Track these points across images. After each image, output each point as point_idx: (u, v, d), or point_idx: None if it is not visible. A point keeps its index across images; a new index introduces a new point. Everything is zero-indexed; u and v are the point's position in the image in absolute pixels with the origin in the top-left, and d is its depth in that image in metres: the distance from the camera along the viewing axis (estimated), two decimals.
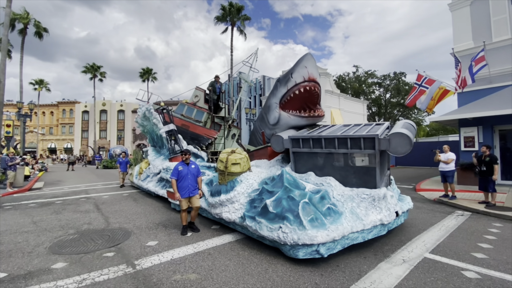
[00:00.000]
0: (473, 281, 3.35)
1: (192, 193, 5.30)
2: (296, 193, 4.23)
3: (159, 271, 3.65)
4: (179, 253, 4.27)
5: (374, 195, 4.50)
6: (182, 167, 5.28)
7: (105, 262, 3.97)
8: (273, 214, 4.15)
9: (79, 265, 3.86)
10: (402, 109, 40.05)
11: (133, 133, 51.35)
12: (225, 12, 29.15)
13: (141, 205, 8.15)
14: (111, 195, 10.07)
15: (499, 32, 10.57)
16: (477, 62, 9.96)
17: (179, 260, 4.01)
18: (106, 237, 5.10)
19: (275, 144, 6.10)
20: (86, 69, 41.54)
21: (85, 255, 4.25)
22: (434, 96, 11.59)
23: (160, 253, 4.28)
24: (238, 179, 5.34)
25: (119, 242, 4.81)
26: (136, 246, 4.62)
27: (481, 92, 11.06)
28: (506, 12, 10.41)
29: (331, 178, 4.93)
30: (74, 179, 16.62)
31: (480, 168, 7.44)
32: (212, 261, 3.99)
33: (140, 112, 11.78)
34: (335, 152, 5.04)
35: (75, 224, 6.08)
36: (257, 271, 3.67)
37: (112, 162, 27.06)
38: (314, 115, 6.51)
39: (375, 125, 5.49)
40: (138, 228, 5.70)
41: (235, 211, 4.99)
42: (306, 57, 6.41)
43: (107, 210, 7.53)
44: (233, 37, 29.56)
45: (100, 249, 4.49)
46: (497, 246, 4.59)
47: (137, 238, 5.07)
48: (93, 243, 4.79)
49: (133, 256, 4.20)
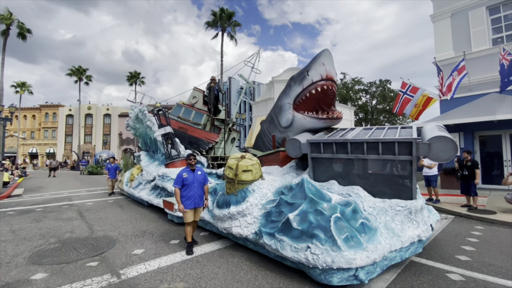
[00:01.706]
0: (458, 283, 3.43)
1: (198, 204, 4.65)
2: (325, 206, 3.64)
3: (145, 281, 3.53)
4: (166, 261, 4.16)
5: (410, 207, 3.94)
6: (187, 173, 4.61)
7: (88, 272, 3.82)
8: (298, 231, 3.55)
9: (61, 276, 3.69)
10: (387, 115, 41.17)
11: (119, 137, 50.21)
12: (215, 17, 29.24)
13: (127, 212, 7.93)
14: (96, 202, 9.75)
15: (478, 43, 11.11)
16: (459, 71, 10.40)
17: (166, 269, 3.91)
18: (89, 246, 4.91)
19: (290, 148, 5.46)
20: (71, 72, 40.44)
21: (67, 265, 4.07)
22: (418, 102, 11.98)
23: (146, 262, 4.16)
24: (249, 188, 4.73)
25: (103, 251, 4.64)
26: (122, 255, 4.47)
27: (462, 100, 11.52)
28: (484, 23, 10.96)
29: (359, 188, 4.29)
30: (56, 186, 16.02)
31: (462, 172, 7.71)
32: (201, 269, 3.91)
33: (132, 114, 11.10)
34: (363, 158, 4.43)
35: (57, 233, 5.83)
36: (246, 278, 3.62)
37: (98, 167, 26.22)
38: (332, 117, 5.87)
39: (400, 128, 4.97)
40: (124, 236, 5.53)
41: (248, 226, 4.36)
42: (324, 53, 5.85)
43: (91, 217, 7.27)
44: (223, 42, 29.69)
45: (83, 258, 4.32)
46: (480, 248, 4.73)
47: (122, 246, 4.92)
48: (76, 252, 4.60)
49: (118, 265, 4.06)
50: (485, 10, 10.95)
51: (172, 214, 6.40)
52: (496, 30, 10.86)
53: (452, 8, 11.90)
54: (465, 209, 7.44)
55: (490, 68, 10.58)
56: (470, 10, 11.34)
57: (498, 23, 10.76)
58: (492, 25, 10.90)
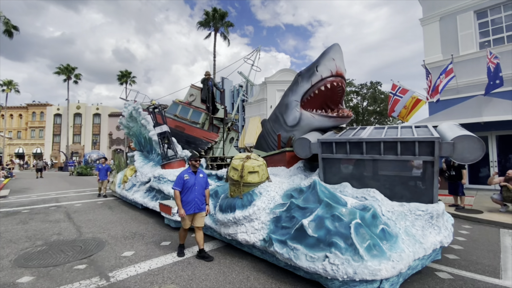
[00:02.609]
0: (446, 281, 3.50)
1: (199, 209, 4.32)
2: (343, 211, 3.35)
3: (135, 283, 3.47)
4: (157, 263, 4.10)
5: (432, 211, 3.70)
6: (188, 175, 4.27)
7: (76, 275, 3.72)
8: (314, 239, 3.27)
9: (47, 279, 3.59)
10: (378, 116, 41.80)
11: (109, 137, 49.37)
12: (208, 17, 29.08)
13: (116, 213, 7.78)
14: (84, 203, 9.54)
15: (465, 46, 11.39)
16: (447, 74, 10.63)
17: (157, 271, 3.84)
18: (77, 248, 4.79)
19: (299, 148, 5.17)
20: (59, 70, 39.56)
21: (54, 268, 3.96)
22: (407, 104, 12.19)
23: (136, 264, 4.08)
24: (256, 191, 4.39)
25: (92, 253, 4.54)
26: (111, 257, 4.38)
27: (449, 102, 11.79)
28: (472, 27, 11.25)
29: (375, 191, 4.02)
30: (44, 187, 15.61)
31: (449, 173, 7.88)
32: (192, 270, 3.87)
33: (125, 112, 10.53)
34: (379, 159, 4.16)
35: (44, 235, 5.67)
36: (238, 279, 3.60)
37: (88, 168, 25.66)
38: (343, 116, 5.53)
39: (414, 127, 4.69)
40: (113, 238, 5.42)
41: (255, 232, 4.05)
42: (334, 48, 5.57)
43: (80, 219, 7.11)
44: (216, 42, 29.56)
45: (70, 261, 4.21)
46: (467, 247, 4.84)
47: (111, 248, 4.82)
48: (63, 255, 4.48)
49: (107, 267, 3.97)
50: (473, 14, 11.25)
51: (169, 218, 6.05)
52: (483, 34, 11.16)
53: (441, 12, 12.17)
54: (453, 208, 7.61)
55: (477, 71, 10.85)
56: (459, 14, 11.62)
57: (485, 27, 11.06)
58: (479, 29, 11.20)
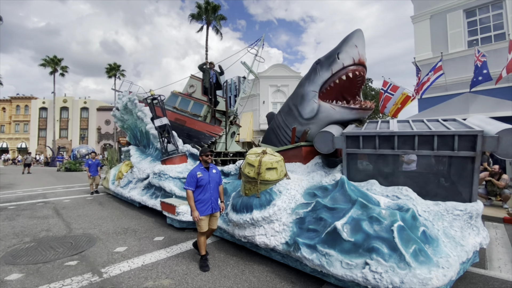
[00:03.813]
0: None
1: (215, 208, 3.95)
2: (382, 212, 3.04)
3: (129, 278, 3.43)
4: (150, 258, 4.07)
5: (471, 211, 3.41)
6: (201, 172, 3.86)
7: (67, 271, 3.65)
8: (350, 244, 2.96)
9: (37, 276, 3.51)
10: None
11: (98, 132, 48.30)
12: (200, 10, 28.57)
13: (107, 209, 7.65)
14: (73, 199, 9.34)
15: (454, 44, 11.62)
16: (436, 71, 10.84)
17: (151, 266, 3.81)
18: (68, 245, 4.70)
19: (321, 143, 4.76)
20: (45, 62, 38.15)
21: (44, 265, 3.87)
22: (397, 101, 12.41)
23: (129, 259, 4.04)
24: (274, 189, 4.06)
25: (83, 249, 4.45)
26: (103, 253, 4.31)
27: (438, 99, 12.04)
28: (461, 26, 11.47)
29: (408, 189, 3.69)
30: (30, 182, 15.18)
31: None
32: (187, 265, 3.86)
33: (120, 103, 9.88)
34: (412, 154, 3.91)
35: (32, 231, 5.53)
36: (233, 273, 3.61)
37: (77, 163, 24.95)
38: (366, 108, 5.03)
39: (441, 120, 4.33)
40: (105, 234, 5.34)
41: (275, 234, 3.73)
42: (357, 34, 5.15)
43: (69, 215, 6.96)
44: (208, 36, 29.16)
45: (61, 257, 4.12)
46: None
47: (103, 244, 4.74)
48: (53, 251, 4.38)
49: (99, 263, 3.91)
50: (462, 13, 11.46)
51: (173, 218, 5.63)
52: (471, 33, 11.40)
53: (432, 10, 12.34)
54: None
55: (465, 69, 11.11)
56: (449, 12, 11.82)
57: (474, 26, 11.30)
58: (468, 28, 11.43)
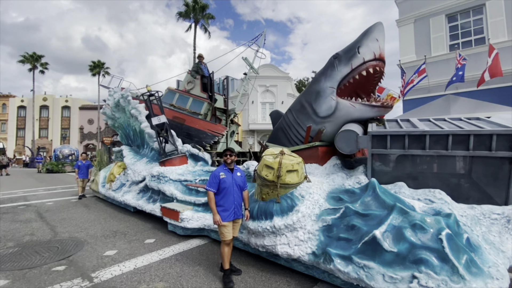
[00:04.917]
0: None
1: (238, 214, 3.58)
2: (427, 218, 2.80)
3: (121, 283, 3.35)
4: (142, 261, 3.98)
5: (509, 214, 3.25)
6: (224, 173, 3.53)
7: (56, 277, 3.52)
8: (393, 255, 2.71)
9: (24, 282, 3.36)
10: None
11: (80, 132, 46.72)
12: (188, 9, 28.24)
13: (93, 212, 7.43)
14: (57, 202, 8.99)
15: (437, 48, 12.07)
16: (420, 74, 11.25)
17: (143, 269, 3.74)
18: (54, 249, 4.52)
19: (343, 142, 4.44)
20: (24, 59, 36.51)
21: (30, 270, 3.71)
22: None
23: (121, 263, 3.94)
24: (295, 193, 3.73)
25: (70, 254, 4.31)
26: (92, 257, 4.19)
27: (422, 100, 12.47)
28: (443, 30, 11.93)
29: (442, 192, 3.50)
30: (8, 185, 14.48)
31: None
32: (180, 267, 3.81)
33: (110, 100, 9.24)
34: (446, 154, 3.66)
35: (15, 236, 5.28)
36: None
37: (59, 164, 23.92)
38: (387, 105, 4.78)
39: (465, 118, 4.15)
40: (93, 237, 5.18)
41: (300, 244, 3.40)
42: (378, 27, 4.87)
43: (53, 218, 6.70)
44: (196, 35, 28.84)
45: (47, 262, 3.97)
46: None
47: (92, 248, 4.60)
48: (39, 256, 4.21)
49: (89, 268, 3.79)
50: (444, 18, 11.92)
51: (176, 224, 5.22)
52: (453, 37, 11.88)
53: (416, 14, 12.77)
54: None
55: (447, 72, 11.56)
56: (432, 17, 12.25)
57: (455, 30, 11.77)
58: (450, 32, 11.91)
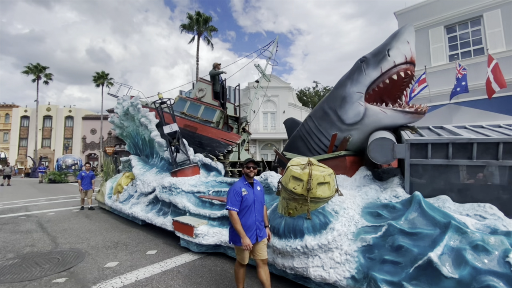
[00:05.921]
0: None
1: (261, 234, 3.07)
2: (490, 239, 2.53)
3: None
4: (144, 273, 3.92)
5: None
6: (246, 189, 3.07)
7: None
8: (454, 281, 2.41)
9: None
10: None
11: (83, 141, 46.92)
12: (192, 21, 28.87)
13: (95, 222, 7.37)
14: (58, 212, 8.95)
15: (437, 58, 12.20)
16: (420, 83, 11.34)
17: (145, 281, 3.68)
18: (54, 261, 4.47)
19: (378, 152, 4.08)
20: (28, 70, 37.14)
21: (30, 282, 3.66)
22: None
23: (122, 275, 3.88)
24: (328, 208, 3.39)
25: (71, 265, 4.25)
26: (93, 269, 4.13)
27: None
28: (442, 41, 12.09)
29: (493, 207, 3.21)
30: (10, 195, 14.45)
31: None
32: (183, 279, 3.74)
33: (119, 109, 9.13)
34: (495, 164, 3.35)
35: (15, 247, 5.23)
36: (231, 286, 3.53)
37: (62, 174, 23.84)
38: (421, 111, 4.38)
39: (479, 127, 3.99)
40: (94, 248, 5.12)
41: (336, 266, 3.02)
42: (408, 29, 4.59)
43: (54, 229, 6.65)
44: (199, 47, 29.36)
45: (48, 274, 3.91)
46: None
47: (93, 259, 4.54)
48: (39, 268, 4.16)
49: (89, 280, 3.73)
50: (443, 29, 12.11)
51: (189, 240, 4.87)
52: (452, 47, 12.03)
53: (415, 25, 12.96)
54: None
55: (447, 82, 11.64)
56: (430, 28, 12.45)
57: (454, 41, 11.93)
58: (449, 43, 12.06)
